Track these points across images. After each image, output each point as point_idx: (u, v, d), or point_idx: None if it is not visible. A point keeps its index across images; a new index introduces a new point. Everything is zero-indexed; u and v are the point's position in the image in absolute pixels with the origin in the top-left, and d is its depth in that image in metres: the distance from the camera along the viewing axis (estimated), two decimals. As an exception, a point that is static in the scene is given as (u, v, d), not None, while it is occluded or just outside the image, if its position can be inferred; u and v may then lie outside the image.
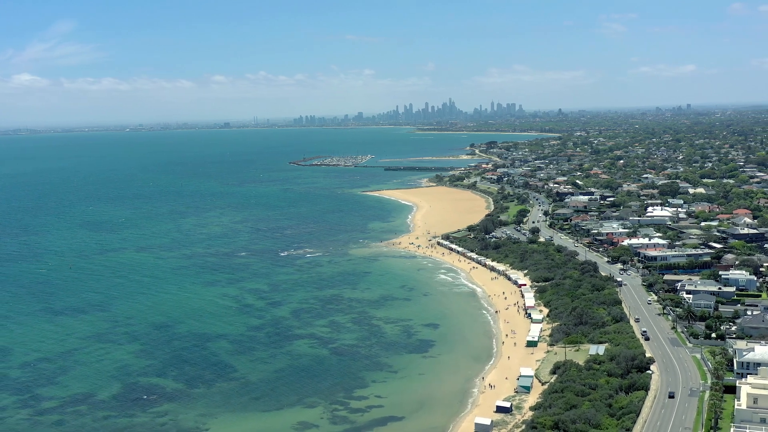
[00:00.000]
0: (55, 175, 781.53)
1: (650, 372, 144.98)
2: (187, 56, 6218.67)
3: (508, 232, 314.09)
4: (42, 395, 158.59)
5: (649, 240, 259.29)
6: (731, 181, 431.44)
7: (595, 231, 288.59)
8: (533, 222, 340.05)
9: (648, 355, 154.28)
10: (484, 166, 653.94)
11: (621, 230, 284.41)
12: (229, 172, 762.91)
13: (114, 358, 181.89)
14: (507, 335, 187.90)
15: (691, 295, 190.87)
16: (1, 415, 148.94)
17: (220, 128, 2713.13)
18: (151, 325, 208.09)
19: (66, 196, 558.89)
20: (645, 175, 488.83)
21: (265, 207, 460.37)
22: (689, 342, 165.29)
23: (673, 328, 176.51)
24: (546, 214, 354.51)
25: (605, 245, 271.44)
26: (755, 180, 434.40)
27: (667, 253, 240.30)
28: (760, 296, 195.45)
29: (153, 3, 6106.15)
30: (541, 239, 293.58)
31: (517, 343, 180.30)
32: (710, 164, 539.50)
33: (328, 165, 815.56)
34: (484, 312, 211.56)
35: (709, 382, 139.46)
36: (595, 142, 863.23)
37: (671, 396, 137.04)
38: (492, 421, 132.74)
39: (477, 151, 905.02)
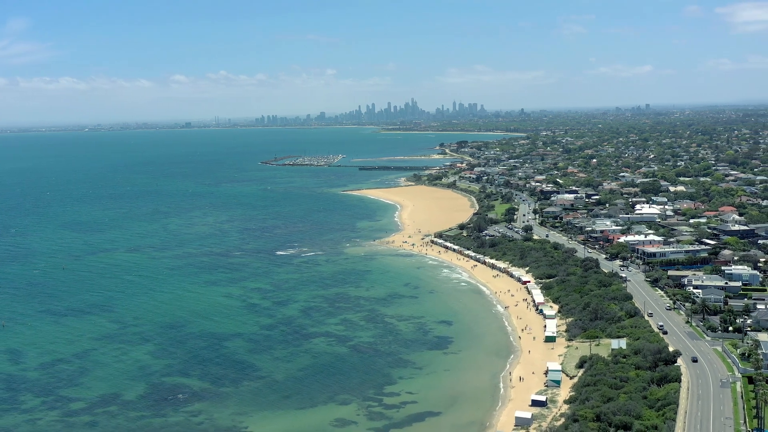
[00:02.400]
0: (24, 175, 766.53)
1: (679, 365, 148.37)
2: (146, 56, 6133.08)
3: (501, 231, 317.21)
4: (67, 396, 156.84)
5: (645, 237, 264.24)
6: (708, 179, 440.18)
7: (589, 228, 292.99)
8: (523, 220, 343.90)
9: (672, 348, 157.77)
10: (459, 165, 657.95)
11: (614, 227, 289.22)
12: (201, 172, 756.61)
13: (131, 358, 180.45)
14: (522, 330, 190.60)
15: (700, 290, 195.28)
16: (30, 417, 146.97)
17: (182, 128, 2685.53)
18: (161, 325, 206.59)
19: (42, 197, 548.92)
20: (621, 174, 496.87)
21: (248, 207, 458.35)
22: (707, 335, 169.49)
23: (688, 322, 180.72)
24: (535, 212, 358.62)
25: (601, 242, 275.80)
26: (730, 178, 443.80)
27: (666, 249, 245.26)
28: (765, 290, 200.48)
29: (110, 1, 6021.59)
30: (535, 237, 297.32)
31: (535, 338, 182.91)
32: (682, 163, 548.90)
33: (300, 165, 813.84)
34: (495, 309, 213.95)
35: (737, 373, 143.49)
36: (564, 141, 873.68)
37: (694, 360, 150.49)
38: (532, 414, 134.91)
39: (447, 151, 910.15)
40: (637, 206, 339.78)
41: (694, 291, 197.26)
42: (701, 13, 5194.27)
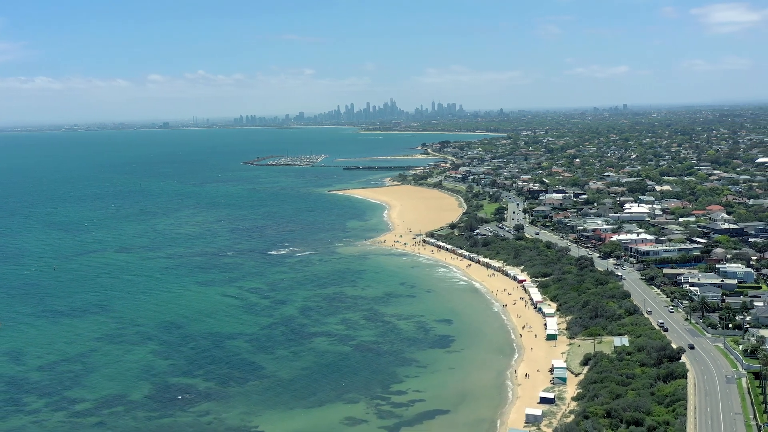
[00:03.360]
0: (4, 176, 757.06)
1: (683, 361, 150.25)
2: (122, 55, 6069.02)
3: (492, 230, 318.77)
4: (72, 397, 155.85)
5: (638, 235, 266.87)
6: (692, 178, 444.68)
7: (581, 227, 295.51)
8: (513, 220, 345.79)
9: (674, 345, 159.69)
10: (443, 165, 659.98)
11: (605, 226, 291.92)
12: (184, 172, 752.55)
13: (133, 358, 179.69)
14: (522, 328, 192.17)
15: (696, 288, 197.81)
16: (36, 418, 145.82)
17: (159, 128, 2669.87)
18: (159, 325, 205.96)
19: (25, 197, 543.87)
20: (606, 174, 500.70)
21: (235, 207, 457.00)
22: (707, 332, 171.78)
23: (687, 319, 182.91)
24: (525, 211, 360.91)
25: (593, 241, 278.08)
26: (714, 177, 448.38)
27: (659, 247, 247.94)
28: (760, 288, 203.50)
29: (85, 0, 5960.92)
30: (527, 236, 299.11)
31: (537, 335, 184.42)
32: (665, 163, 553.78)
33: (283, 165, 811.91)
34: (493, 307, 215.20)
35: (742, 369, 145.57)
36: (545, 141, 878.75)
37: (691, 347, 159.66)
38: (543, 411, 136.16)
39: (430, 151, 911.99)
40: (626, 205, 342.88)
41: (691, 289, 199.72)
42: (676, 14, 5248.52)
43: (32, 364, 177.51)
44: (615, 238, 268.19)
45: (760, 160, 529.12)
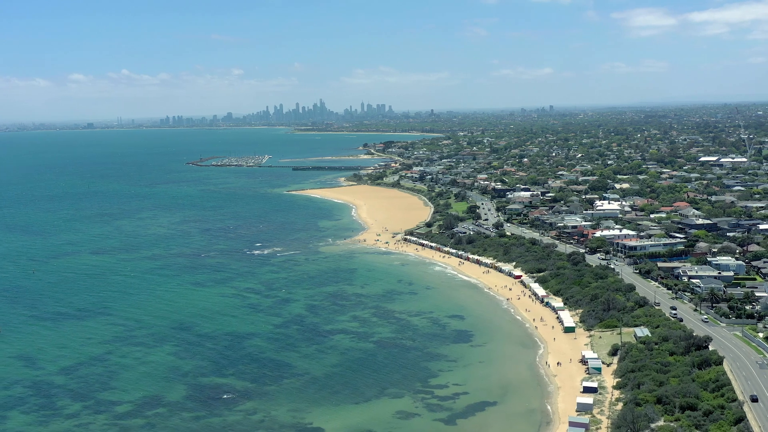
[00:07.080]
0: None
1: (714, 349, 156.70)
2: (42, 54, 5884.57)
3: (471, 228, 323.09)
4: (107, 400, 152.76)
5: (620, 231, 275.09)
6: (646, 177, 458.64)
7: (561, 224, 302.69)
8: (486, 217, 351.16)
9: (698, 333, 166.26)
10: (393, 165, 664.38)
11: (584, 223, 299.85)
12: (129, 173, 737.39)
13: (155, 360, 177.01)
14: (534, 321, 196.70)
15: (697, 280, 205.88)
16: (79, 422, 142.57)
17: (83, 129, 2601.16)
18: (169, 327, 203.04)
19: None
20: (560, 173, 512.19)
21: (196, 208, 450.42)
22: (721, 322, 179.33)
23: (696, 310, 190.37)
24: (498, 209, 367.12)
25: (575, 237, 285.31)
26: (665, 176, 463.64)
27: (646, 242, 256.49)
28: (754, 279, 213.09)
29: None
30: (508, 233, 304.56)
31: (554, 327, 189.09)
32: (612, 162, 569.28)
33: (229, 165, 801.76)
34: (499, 302, 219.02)
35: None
36: (486, 141, 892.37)
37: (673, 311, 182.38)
38: (594, 399, 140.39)
39: (373, 151, 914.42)
40: (597, 203, 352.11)
41: (693, 281, 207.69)
42: (598, 18, 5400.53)
43: (51, 368, 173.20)
44: (598, 233, 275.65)
45: (702, 159, 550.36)
